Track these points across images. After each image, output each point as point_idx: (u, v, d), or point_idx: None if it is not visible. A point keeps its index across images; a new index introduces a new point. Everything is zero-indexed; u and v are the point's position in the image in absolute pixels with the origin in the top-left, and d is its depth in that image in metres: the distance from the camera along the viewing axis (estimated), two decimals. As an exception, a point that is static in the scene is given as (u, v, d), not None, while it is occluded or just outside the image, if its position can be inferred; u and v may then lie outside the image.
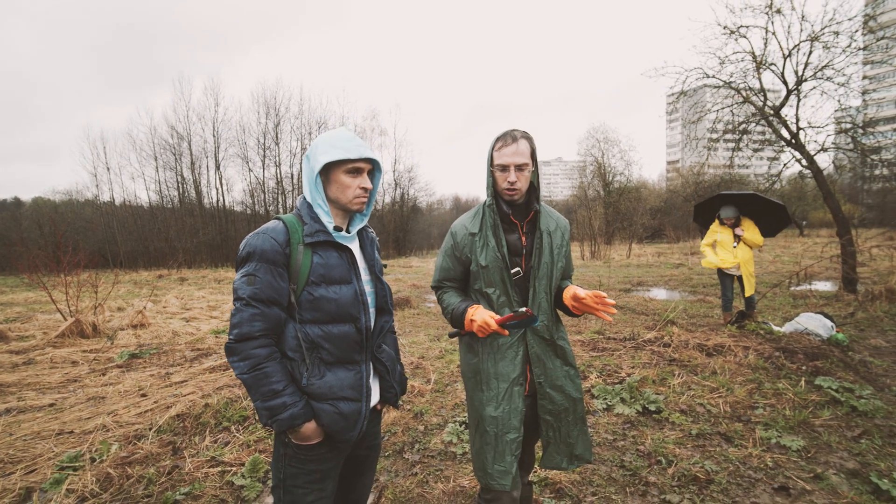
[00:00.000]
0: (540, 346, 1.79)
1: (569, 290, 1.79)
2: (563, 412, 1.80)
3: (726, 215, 6.21)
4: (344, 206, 1.58)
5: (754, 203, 6.26)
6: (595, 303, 1.65)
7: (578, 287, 1.76)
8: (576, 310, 1.76)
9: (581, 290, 1.71)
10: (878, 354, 5.19)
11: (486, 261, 1.78)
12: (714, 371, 4.37)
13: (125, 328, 7.86)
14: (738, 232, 6.17)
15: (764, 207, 6.23)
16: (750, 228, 6.17)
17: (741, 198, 6.28)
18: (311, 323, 1.50)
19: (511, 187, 1.76)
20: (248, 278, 1.43)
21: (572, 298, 1.74)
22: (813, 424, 3.35)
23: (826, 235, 33.76)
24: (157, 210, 35.83)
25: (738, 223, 6.25)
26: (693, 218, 7.23)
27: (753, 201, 6.23)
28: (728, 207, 6.23)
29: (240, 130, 41.34)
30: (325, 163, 1.50)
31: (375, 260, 1.72)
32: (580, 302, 1.69)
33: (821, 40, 8.48)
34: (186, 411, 3.79)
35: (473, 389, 1.83)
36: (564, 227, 1.91)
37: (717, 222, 6.39)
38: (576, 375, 1.86)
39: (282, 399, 1.41)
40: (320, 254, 1.52)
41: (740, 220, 6.27)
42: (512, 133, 1.77)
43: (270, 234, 1.47)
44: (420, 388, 4.34)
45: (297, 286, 1.49)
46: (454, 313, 1.80)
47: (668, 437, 3.25)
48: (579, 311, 1.76)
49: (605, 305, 1.63)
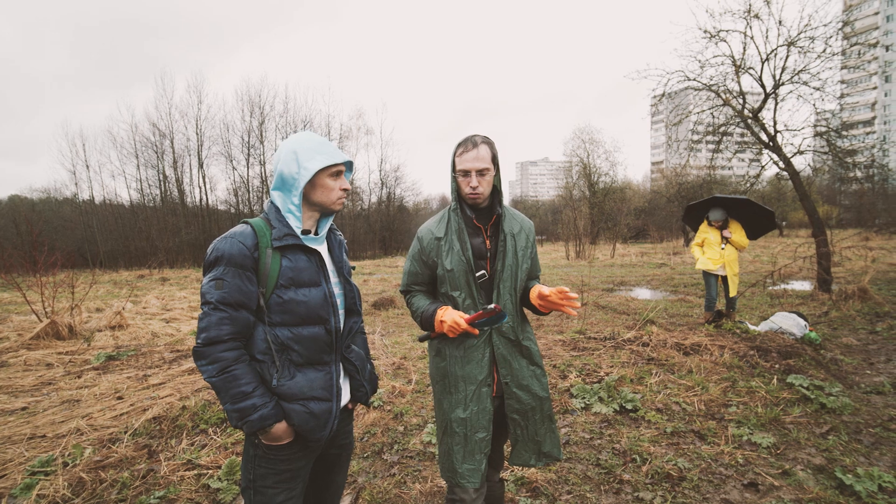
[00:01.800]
0: (506, 347, 1.81)
1: (534, 289, 1.82)
2: (530, 411, 1.83)
3: (715, 217, 6.37)
4: (328, 207, 1.61)
5: (742, 207, 6.44)
6: (559, 299, 1.68)
7: (543, 286, 1.79)
8: (542, 308, 1.79)
9: (545, 287, 1.74)
10: (848, 353, 5.33)
11: (452, 264, 1.80)
12: (690, 370, 4.45)
13: (103, 329, 7.73)
14: (727, 234, 6.33)
15: (751, 211, 6.42)
16: (737, 231, 6.35)
17: (732, 202, 6.46)
18: (280, 325, 1.51)
19: (473, 192, 1.78)
20: (216, 282, 1.43)
21: (538, 297, 1.77)
22: (783, 422, 3.43)
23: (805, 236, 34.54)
24: (139, 209, 35.26)
25: (726, 225, 6.42)
26: (682, 218, 7.37)
27: (741, 205, 6.42)
28: (717, 210, 6.40)
29: (224, 128, 40.84)
30: (317, 170, 1.52)
31: (344, 262, 1.73)
32: (545, 300, 1.73)
33: (797, 45, 8.67)
34: (163, 414, 3.75)
35: (442, 393, 1.85)
36: (529, 229, 1.94)
37: (706, 223, 6.56)
38: (542, 374, 1.89)
39: (251, 401, 1.41)
40: (289, 257, 1.53)
41: (728, 222, 6.44)
42: (472, 139, 1.80)
43: (238, 239, 1.47)
44: (401, 389, 4.35)
45: (265, 289, 1.49)
46: (423, 315, 1.82)
47: (643, 436, 3.31)
48: (546, 309, 1.79)
49: (568, 300, 1.66)
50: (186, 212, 35.19)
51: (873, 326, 6.58)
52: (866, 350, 5.48)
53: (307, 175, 1.51)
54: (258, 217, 1.60)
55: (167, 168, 35.16)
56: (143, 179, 35.48)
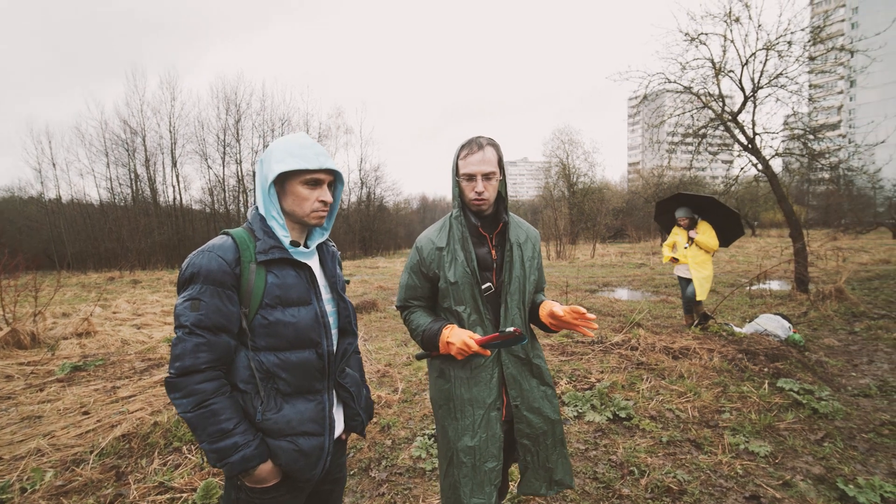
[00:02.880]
0: (515, 367, 1.68)
1: (545, 305, 1.69)
2: (541, 435, 1.70)
3: (679, 215, 6.21)
4: (301, 219, 1.43)
5: (714, 209, 6.23)
6: (573, 318, 1.55)
7: (555, 303, 1.66)
8: (553, 326, 1.66)
9: (558, 306, 1.60)
10: (832, 354, 5.38)
11: (456, 276, 1.66)
12: (681, 375, 4.40)
13: (69, 337, 7.34)
14: (692, 234, 6.12)
15: (721, 214, 6.20)
16: (706, 232, 6.09)
17: (699, 200, 6.26)
18: (266, 350, 1.34)
19: (479, 197, 1.65)
20: (192, 303, 1.26)
21: (549, 316, 1.64)
22: (778, 428, 3.39)
23: (776, 235, 35.52)
24: (109, 208, 34.05)
25: (694, 225, 6.22)
26: (654, 217, 7.20)
27: (712, 206, 6.21)
28: (682, 207, 6.21)
29: (198, 126, 39.90)
30: (280, 173, 1.34)
31: (337, 276, 1.57)
32: (558, 319, 1.59)
33: (775, 49, 8.79)
34: (133, 430, 3.51)
35: (446, 418, 1.70)
36: (535, 238, 1.81)
37: (677, 224, 6.43)
38: (553, 395, 1.76)
39: (232, 439, 1.24)
40: (275, 273, 1.36)
41: (696, 222, 6.23)
42: (477, 140, 1.66)
43: (217, 252, 1.30)
44: (387, 399, 4.18)
45: (249, 310, 1.33)
46: (426, 334, 1.67)
47: (639, 446, 3.22)
48: (557, 328, 1.66)
49: (585, 321, 1.53)
50: (159, 212, 34.15)
51: (852, 327, 6.67)
52: (848, 351, 5.53)
53: (270, 176, 1.34)
54: (240, 227, 1.43)
55: (139, 167, 34.08)
56: (114, 178, 34.33)
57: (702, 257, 6.06)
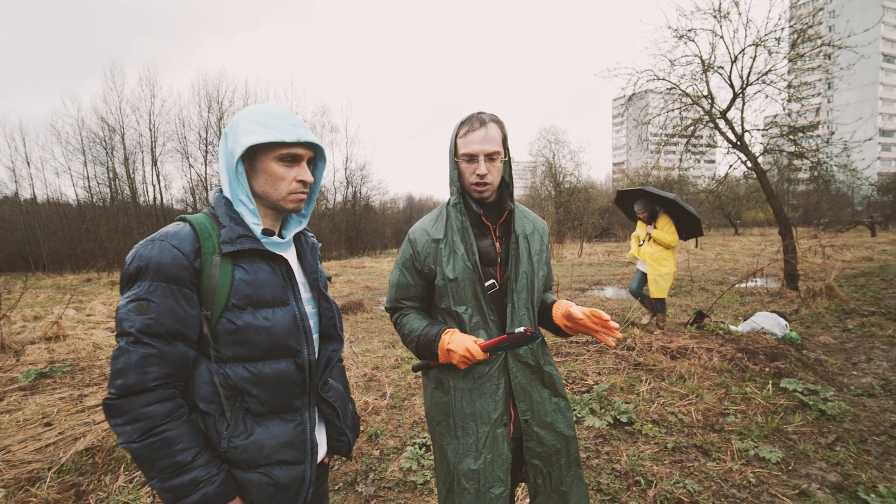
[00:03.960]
0: (524, 376, 1.46)
1: (559, 306, 1.47)
2: (554, 454, 1.48)
3: (637, 208, 5.94)
4: (275, 203, 1.19)
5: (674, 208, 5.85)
6: (594, 324, 1.33)
7: (571, 303, 1.44)
8: (569, 330, 1.45)
9: (576, 307, 1.39)
10: (829, 352, 5.28)
11: (455, 272, 1.44)
12: (681, 376, 4.24)
13: (37, 342, 6.95)
14: (649, 229, 5.81)
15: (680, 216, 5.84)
16: (665, 227, 5.74)
17: (659, 200, 5.89)
18: (233, 361, 1.11)
19: (481, 181, 1.43)
20: (139, 304, 1.02)
21: (565, 318, 1.43)
22: (786, 432, 3.24)
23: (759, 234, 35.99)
24: (86, 208, 33.12)
25: (654, 218, 5.88)
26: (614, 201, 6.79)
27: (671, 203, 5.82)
28: (640, 200, 5.89)
29: (179, 124, 38.95)
30: (249, 146, 1.11)
31: (318, 272, 1.34)
32: (576, 322, 1.38)
33: (765, 45, 8.74)
34: (98, 443, 3.23)
35: (444, 436, 1.47)
36: (543, 230, 1.60)
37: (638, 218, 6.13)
38: (566, 408, 1.54)
39: (191, 474, 1.01)
40: (244, 267, 1.13)
41: (657, 215, 5.89)
42: (479, 116, 1.44)
43: (171, 242, 1.07)
44: (375, 405, 3.95)
45: (211, 312, 1.09)
46: (422, 341, 1.44)
47: (643, 453, 3.04)
48: (573, 332, 1.45)
49: (607, 328, 1.32)
50: (139, 211, 33.32)
51: (844, 324, 6.61)
52: (845, 349, 5.45)
53: (238, 151, 1.10)
54: (201, 213, 1.19)
55: (117, 165, 33.16)
56: (91, 177, 33.38)
57: (660, 253, 5.74)
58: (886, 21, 55.32)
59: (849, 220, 31.21)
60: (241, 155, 1.13)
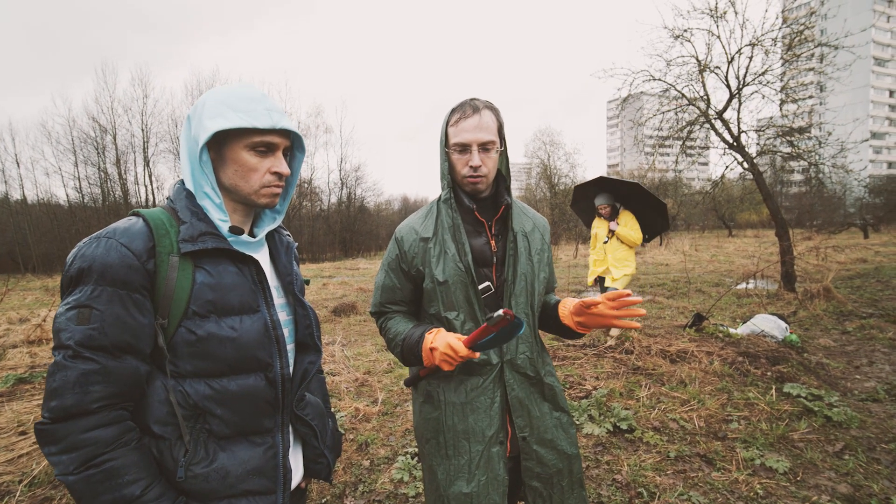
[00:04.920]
0: (522, 388, 1.33)
1: (565, 304, 1.34)
2: (555, 475, 1.35)
3: (600, 202, 5.28)
4: (245, 197, 1.05)
5: (638, 198, 5.31)
6: (612, 308, 1.18)
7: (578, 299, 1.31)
8: (581, 328, 1.31)
9: (588, 298, 1.24)
10: (830, 355, 5.19)
11: (445, 274, 1.31)
12: (681, 380, 4.13)
13: (19, 344, 6.76)
14: (612, 226, 5.23)
15: (646, 204, 5.30)
16: (629, 223, 5.22)
17: (621, 186, 5.33)
18: (193, 377, 0.97)
19: (474, 173, 1.30)
20: (79, 312, 0.88)
21: (577, 311, 1.27)
22: (792, 439, 3.13)
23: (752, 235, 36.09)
24: (77, 209, 32.76)
25: (616, 215, 5.31)
26: (570, 204, 6.19)
27: (636, 195, 5.28)
28: (602, 194, 5.28)
29: (172, 124, 38.63)
30: (216, 131, 0.97)
31: (294, 275, 1.20)
32: (591, 313, 1.22)
33: (762, 45, 8.68)
34: (74, 455, 3.07)
35: (434, 456, 1.33)
36: (544, 227, 1.47)
37: (597, 216, 5.48)
38: (569, 424, 1.41)
39: None
40: (207, 269, 0.99)
41: (618, 211, 5.35)
42: (472, 102, 1.31)
43: (119, 240, 0.93)
44: (365, 412, 3.81)
45: (168, 320, 0.95)
46: (406, 344, 1.30)
47: (645, 462, 2.92)
48: (586, 329, 1.32)
49: (628, 310, 1.16)
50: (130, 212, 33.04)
51: (843, 326, 6.54)
52: (845, 352, 5.36)
53: (204, 137, 0.96)
54: (157, 207, 1.05)
55: (109, 165, 32.85)
56: (83, 177, 33.02)
57: (623, 253, 5.23)
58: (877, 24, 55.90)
59: (841, 222, 31.36)
60: (207, 142, 0.99)
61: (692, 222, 40.04)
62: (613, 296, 1.17)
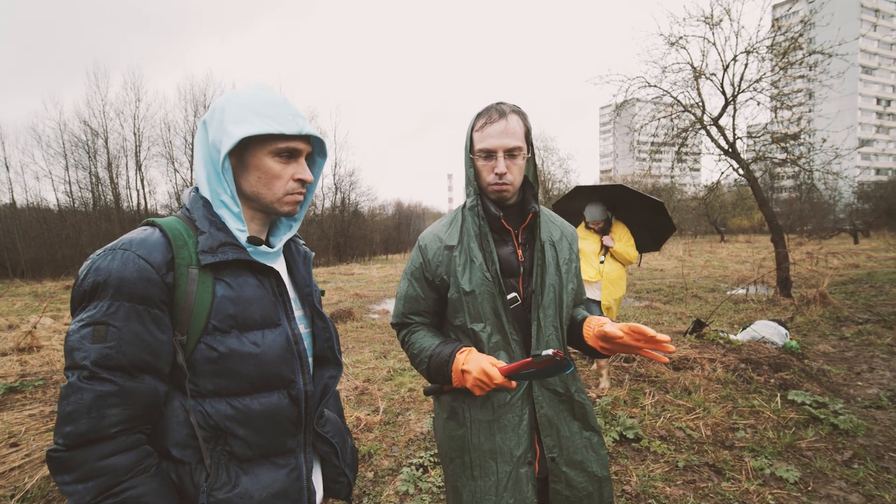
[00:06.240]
0: (551, 405, 1.28)
1: (590, 323, 1.29)
2: (585, 499, 1.29)
3: (592, 217, 4.28)
4: (267, 205, 1.01)
5: (626, 205, 4.51)
6: (636, 340, 1.12)
7: (606, 320, 1.26)
8: (605, 351, 1.26)
9: (612, 325, 1.19)
10: (831, 362, 5.19)
11: (472, 284, 1.26)
12: (685, 388, 4.10)
13: (9, 352, 6.62)
14: (607, 241, 4.27)
15: (639, 211, 4.50)
16: (623, 236, 4.34)
17: (609, 193, 4.44)
18: (214, 396, 0.92)
19: (500, 181, 1.26)
20: (95, 329, 0.83)
21: (599, 338, 1.23)
22: (800, 448, 3.10)
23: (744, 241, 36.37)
24: (67, 213, 32.37)
25: (609, 229, 4.39)
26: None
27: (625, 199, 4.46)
28: (595, 206, 4.30)
29: (164, 128, 38.45)
30: (242, 138, 0.93)
31: (312, 285, 1.15)
32: (614, 342, 1.17)
33: (758, 52, 8.76)
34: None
35: (459, 476, 1.28)
36: (572, 236, 1.43)
37: (584, 227, 4.48)
38: (600, 444, 1.36)
39: None
40: (228, 281, 0.95)
41: (611, 224, 4.41)
42: (498, 107, 1.27)
43: (137, 251, 0.88)
44: (367, 421, 3.74)
45: (187, 336, 0.90)
46: (434, 361, 1.25)
47: (654, 473, 2.88)
48: (609, 352, 1.27)
49: (654, 343, 1.09)
50: (122, 216, 32.64)
51: (841, 332, 6.56)
52: (845, 358, 5.37)
53: (229, 143, 0.92)
54: (172, 216, 1.00)
55: (100, 170, 32.55)
56: (73, 181, 32.67)
57: (619, 272, 4.32)
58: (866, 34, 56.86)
59: (832, 228, 31.70)
60: (232, 148, 0.94)
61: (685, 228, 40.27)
62: (636, 331, 1.11)
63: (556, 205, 4.76)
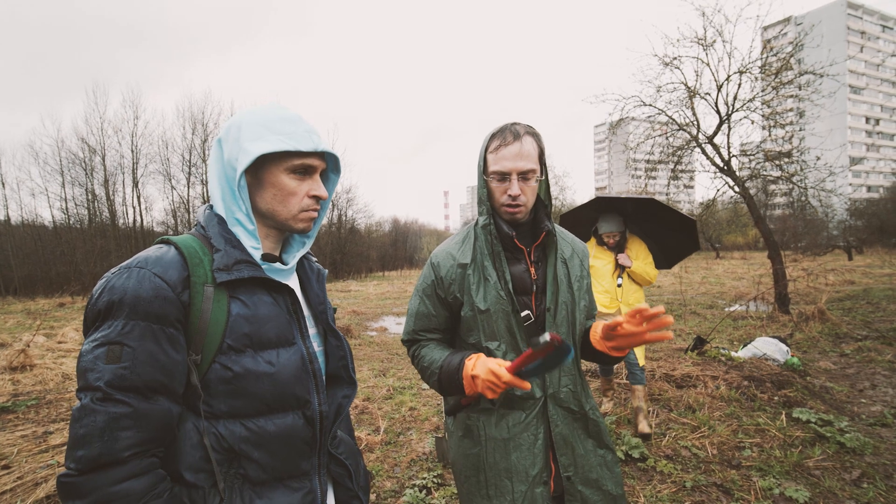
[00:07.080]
0: (566, 424, 1.27)
1: (595, 329, 1.27)
2: None
3: (607, 230, 3.80)
4: (282, 222, 1.00)
5: (645, 219, 4.04)
6: (636, 325, 1.07)
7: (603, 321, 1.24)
8: (614, 351, 1.22)
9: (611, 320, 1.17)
10: (833, 379, 5.17)
11: (487, 302, 1.26)
12: (689, 406, 4.06)
13: (1, 372, 6.50)
14: (624, 261, 3.75)
15: (658, 227, 4.05)
16: (641, 254, 3.84)
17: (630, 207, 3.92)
18: (228, 418, 0.90)
19: (513, 202, 1.26)
20: (109, 349, 0.81)
21: (604, 335, 1.18)
22: (808, 467, 3.07)
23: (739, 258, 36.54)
24: (63, 230, 32.23)
25: (623, 245, 3.85)
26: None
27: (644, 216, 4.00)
28: (610, 218, 3.82)
29: (162, 145, 38.53)
30: (259, 155, 0.92)
31: (326, 304, 1.14)
32: (618, 334, 1.13)
33: (751, 72, 8.91)
34: (62, 491, 2.90)
35: (474, 496, 1.26)
36: (583, 253, 1.42)
37: (594, 242, 3.98)
38: (614, 462, 1.34)
39: None
40: (243, 299, 0.93)
41: (626, 239, 3.89)
42: (512, 128, 1.28)
43: (153, 270, 0.86)
44: (369, 441, 3.68)
45: (202, 356, 0.88)
46: (444, 371, 1.23)
47: (661, 494, 2.83)
48: (620, 352, 1.23)
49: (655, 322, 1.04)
50: (118, 233, 32.55)
51: (841, 349, 6.55)
52: (846, 375, 5.35)
53: (245, 161, 0.91)
54: (187, 234, 0.99)
55: (97, 186, 32.50)
56: (69, 198, 32.61)
57: (637, 294, 3.84)
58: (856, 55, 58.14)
59: (825, 244, 31.93)
60: (248, 165, 0.94)
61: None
62: (634, 312, 1.08)
63: (565, 216, 4.26)
